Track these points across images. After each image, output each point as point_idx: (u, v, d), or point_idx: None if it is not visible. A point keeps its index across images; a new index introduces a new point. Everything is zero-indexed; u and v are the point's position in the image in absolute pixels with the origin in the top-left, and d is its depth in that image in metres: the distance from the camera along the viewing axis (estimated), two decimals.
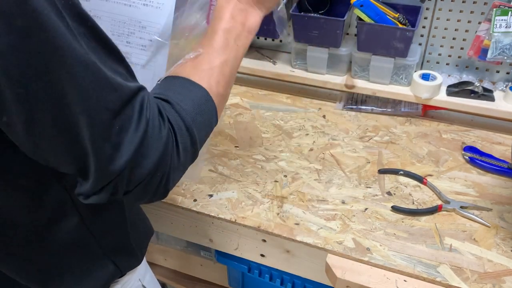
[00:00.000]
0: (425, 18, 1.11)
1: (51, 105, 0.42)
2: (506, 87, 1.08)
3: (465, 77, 1.13)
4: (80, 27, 0.43)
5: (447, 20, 1.09)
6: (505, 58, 1.00)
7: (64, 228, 0.58)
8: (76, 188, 0.50)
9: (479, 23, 1.05)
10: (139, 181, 0.50)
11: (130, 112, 0.48)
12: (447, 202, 0.89)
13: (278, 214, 0.89)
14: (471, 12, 1.06)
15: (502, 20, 0.98)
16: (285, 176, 0.97)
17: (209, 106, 0.58)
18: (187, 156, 0.55)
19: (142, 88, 0.50)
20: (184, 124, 0.54)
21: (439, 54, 1.15)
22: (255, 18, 0.65)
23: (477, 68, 1.14)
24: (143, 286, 0.77)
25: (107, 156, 0.47)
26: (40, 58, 0.40)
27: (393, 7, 1.08)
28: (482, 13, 1.05)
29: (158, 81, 0.60)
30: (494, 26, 0.98)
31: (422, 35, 1.14)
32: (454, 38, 1.11)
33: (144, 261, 0.80)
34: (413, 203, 0.91)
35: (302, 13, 1.13)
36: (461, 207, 0.88)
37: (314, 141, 1.07)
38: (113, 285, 0.70)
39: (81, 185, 0.49)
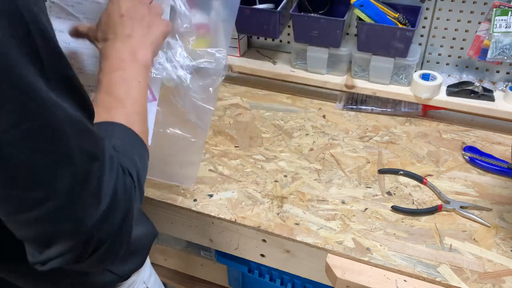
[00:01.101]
0: (425, 18, 1.11)
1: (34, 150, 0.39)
2: (506, 87, 1.08)
3: (465, 77, 1.13)
4: (62, 88, 0.42)
5: (447, 20, 1.09)
6: (505, 58, 1.00)
7: None
8: (29, 257, 0.44)
9: (479, 23, 1.05)
10: (110, 235, 0.46)
11: (105, 158, 0.45)
12: (447, 202, 0.90)
13: (278, 214, 0.89)
14: (471, 12, 1.06)
15: (502, 20, 0.98)
16: (285, 176, 0.97)
17: (139, 142, 0.56)
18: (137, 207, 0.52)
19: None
20: (137, 175, 0.52)
21: (439, 54, 1.15)
22: (144, 51, 0.62)
23: (477, 68, 1.14)
24: None
25: (85, 205, 0.43)
26: (31, 119, 0.38)
27: (393, 7, 1.08)
28: (482, 13, 1.05)
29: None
30: (494, 26, 0.98)
31: (422, 35, 1.14)
32: (454, 38, 1.11)
33: (148, 264, 0.79)
34: (413, 203, 0.91)
35: (302, 13, 1.13)
36: (461, 207, 0.88)
37: (314, 141, 1.07)
38: None
39: (40, 253, 0.44)
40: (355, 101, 1.20)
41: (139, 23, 0.63)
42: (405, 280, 0.77)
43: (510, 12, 0.97)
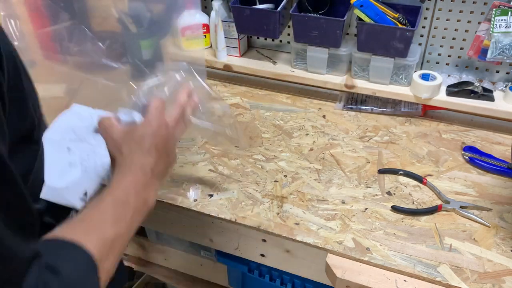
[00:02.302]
0: (425, 18, 1.11)
1: None
2: (506, 87, 1.08)
3: (465, 77, 1.13)
4: None
5: (447, 20, 1.09)
6: (505, 58, 1.00)
7: None
8: None
9: (479, 23, 1.05)
10: None
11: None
12: (447, 202, 0.90)
13: (278, 214, 0.89)
14: (471, 12, 1.06)
15: (502, 20, 0.98)
16: (285, 176, 0.97)
17: (94, 281, 0.50)
18: None
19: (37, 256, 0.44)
20: None
21: (439, 54, 1.15)
22: (154, 193, 0.61)
23: (477, 68, 1.14)
24: None
25: None
26: None
27: (393, 7, 1.08)
28: (482, 13, 1.05)
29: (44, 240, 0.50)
30: (494, 26, 0.98)
31: (422, 35, 1.14)
32: (454, 38, 1.11)
33: None
34: (413, 203, 0.91)
35: (302, 13, 1.13)
36: (461, 207, 0.88)
37: (314, 141, 1.07)
38: None
39: None
40: (355, 101, 1.20)
41: (164, 161, 0.63)
42: (405, 280, 0.77)
43: (510, 12, 0.97)
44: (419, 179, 0.95)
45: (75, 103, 0.67)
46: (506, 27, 0.98)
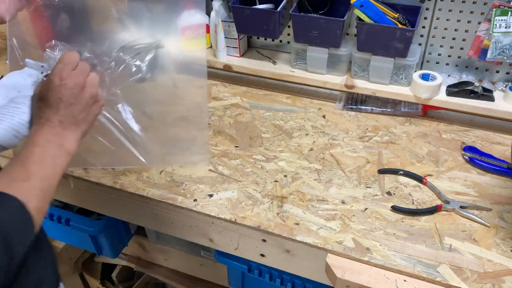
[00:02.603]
0: (425, 18, 1.11)
1: None
2: (505, 87, 1.08)
3: (465, 77, 1.13)
4: None
5: (447, 20, 1.09)
6: (505, 58, 1.00)
7: None
8: None
9: (479, 23, 1.05)
10: None
11: None
12: (447, 202, 0.90)
13: (278, 214, 0.89)
14: (471, 12, 1.06)
15: (501, 20, 0.98)
16: (285, 176, 0.97)
17: (25, 217, 0.56)
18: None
19: None
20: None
21: (439, 54, 1.15)
22: (71, 140, 0.66)
23: (477, 68, 1.14)
24: None
25: None
26: None
27: (393, 7, 1.08)
28: (482, 13, 1.05)
29: None
30: (494, 26, 0.98)
31: (422, 35, 1.14)
32: (454, 38, 1.11)
33: None
34: (413, 203, 0.91)
35: (302, 13, 1.13)
36: (461, 207, 0.88)
37: (314, 141, 1.07)
38: None
39: None
40: (355, 101, 1.20)
41: (76, 111, 0.66)
42: (405, 280, 0.77)
43: (510, 12, 0.97)
44: (419, 179, 0.95)
45: (27, 59, 0.72)
46: (506, 27, 0.98)
